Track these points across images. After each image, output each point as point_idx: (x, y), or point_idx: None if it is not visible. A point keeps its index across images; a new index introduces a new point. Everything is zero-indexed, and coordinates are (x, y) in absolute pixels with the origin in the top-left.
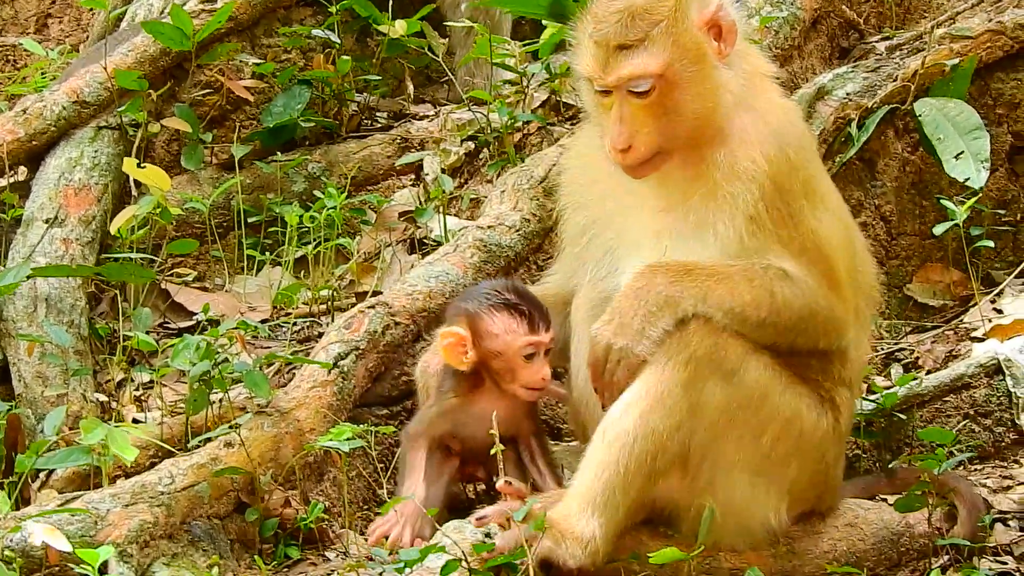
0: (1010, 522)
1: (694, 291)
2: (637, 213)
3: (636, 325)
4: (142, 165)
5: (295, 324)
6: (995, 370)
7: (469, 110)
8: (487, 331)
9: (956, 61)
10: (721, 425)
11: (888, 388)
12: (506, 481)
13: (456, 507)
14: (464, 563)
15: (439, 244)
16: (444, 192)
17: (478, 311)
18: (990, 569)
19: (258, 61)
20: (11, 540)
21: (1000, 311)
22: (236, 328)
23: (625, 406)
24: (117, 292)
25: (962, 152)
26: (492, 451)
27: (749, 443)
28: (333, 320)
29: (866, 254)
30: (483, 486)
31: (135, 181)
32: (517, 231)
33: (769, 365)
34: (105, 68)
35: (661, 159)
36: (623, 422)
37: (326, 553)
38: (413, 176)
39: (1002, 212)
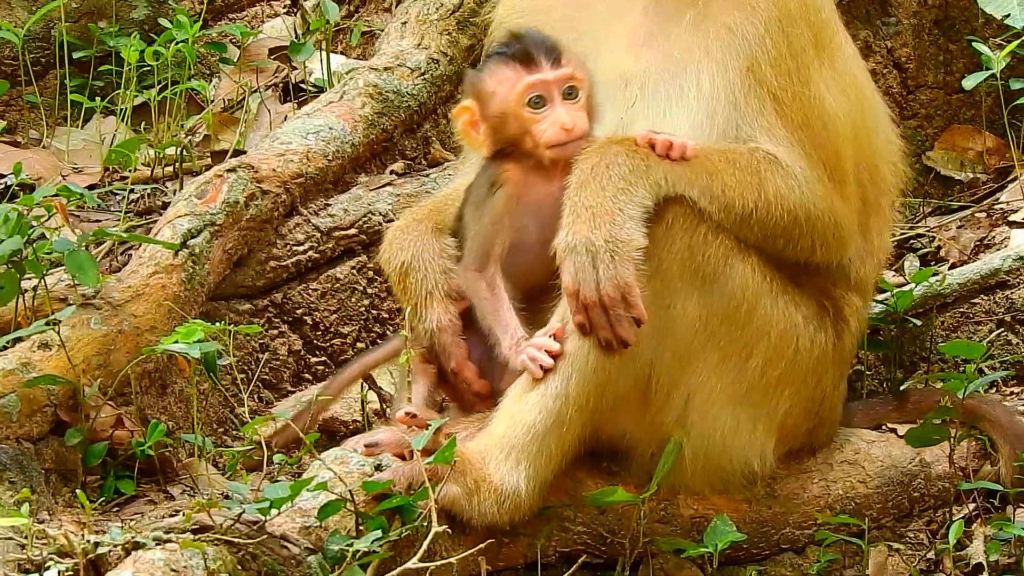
0: None
1: (661, 162)
2: (607, 48)
3: (608, 207)
4: None
5: (132, 191)
6: None
7: None
8: (486, 93)
9: None
10: (697, 346)
11: (901, 286)
12: (407, 413)
13: None
14: (349, 505)
15: (321, 90)
16: (328, 23)
17: (477, 75)
18: None
19: None
20: None
21: None
22: (56, 195)
23: (565, 332)
24: None
25: None
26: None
27: (732, 367)
28: (182, 187)
29: (887, 120)
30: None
31: None
32: (422, 75)
33: (758, 267)
34: None
35: None
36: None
37: (168, 488)
38: (288, 2)
39: None
